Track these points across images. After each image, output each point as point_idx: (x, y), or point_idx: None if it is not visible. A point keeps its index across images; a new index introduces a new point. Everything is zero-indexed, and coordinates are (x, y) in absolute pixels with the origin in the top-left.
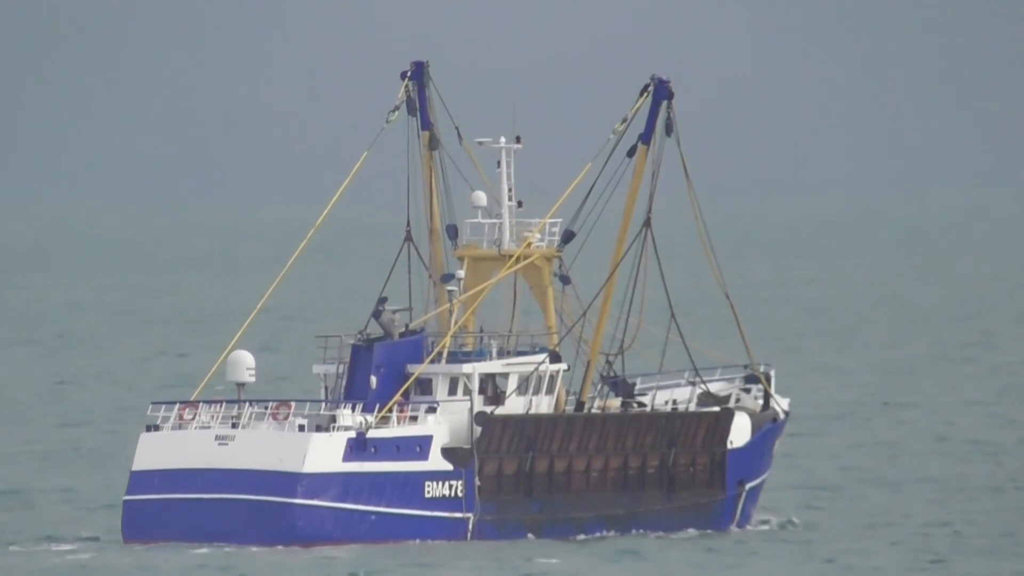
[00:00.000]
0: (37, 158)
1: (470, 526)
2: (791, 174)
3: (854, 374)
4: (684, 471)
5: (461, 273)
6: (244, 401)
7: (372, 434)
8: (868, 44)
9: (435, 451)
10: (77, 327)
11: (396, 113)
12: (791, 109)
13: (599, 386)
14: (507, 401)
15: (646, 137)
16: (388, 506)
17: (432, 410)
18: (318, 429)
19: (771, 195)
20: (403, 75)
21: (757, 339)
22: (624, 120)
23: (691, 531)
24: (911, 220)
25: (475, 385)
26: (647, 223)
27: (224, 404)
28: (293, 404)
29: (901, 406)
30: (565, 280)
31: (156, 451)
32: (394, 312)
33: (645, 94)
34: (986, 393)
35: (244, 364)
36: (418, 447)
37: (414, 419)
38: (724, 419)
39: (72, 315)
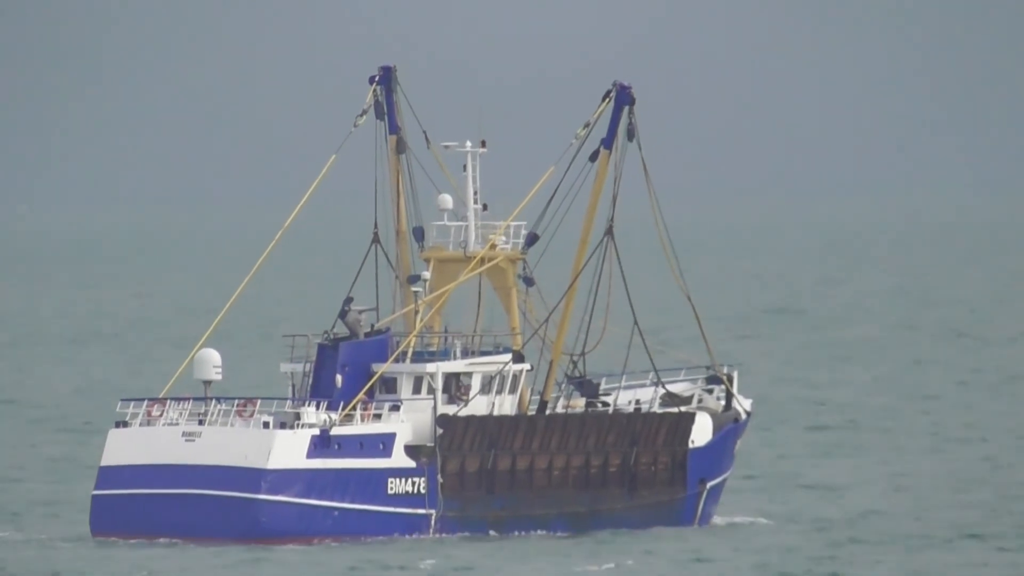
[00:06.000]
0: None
1: (432, 522)
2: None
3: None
4: (646, 470)
5: (427, 274)
6: (211, 398)
7: (336, 431)
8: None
9: (398, 448)
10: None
11: (364, 117)
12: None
13: (564, 386)
14: (470, 400)
15: (608, 142)
16: (351, 502)
17: (396, 408)
18: (283, 427)
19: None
20: (371, 79)
21: None
22: (586, 125)
23: (652, 529)
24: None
25: (439, 384)
26: (609, 231)
27: (191, 401)
28: (259, 401)
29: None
30: (529, 282)
31: (125, 447)
32: (360, 312)
33: (607, 99)
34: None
35: (211, 362)
36: (381, 444)
37: (378, 417)
38: (685, 419)
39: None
